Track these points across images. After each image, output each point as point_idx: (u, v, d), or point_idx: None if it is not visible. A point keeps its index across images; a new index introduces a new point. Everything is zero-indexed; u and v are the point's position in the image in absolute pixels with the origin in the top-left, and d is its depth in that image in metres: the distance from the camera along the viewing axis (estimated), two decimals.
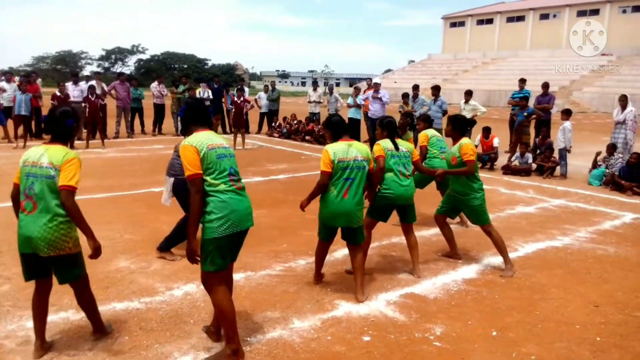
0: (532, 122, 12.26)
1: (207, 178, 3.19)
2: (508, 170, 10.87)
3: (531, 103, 12.66)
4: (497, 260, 5.46)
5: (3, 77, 14.60)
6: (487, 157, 11.39)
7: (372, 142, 11.65)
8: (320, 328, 3.88)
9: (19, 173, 3.31)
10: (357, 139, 12.41)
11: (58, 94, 13.56)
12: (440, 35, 63.57)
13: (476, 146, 11.52)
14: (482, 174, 10.59)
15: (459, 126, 5.32)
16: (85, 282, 3.50)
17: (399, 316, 4.12)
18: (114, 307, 4.13)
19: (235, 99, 13.84)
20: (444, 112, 12.46)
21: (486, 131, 11.52)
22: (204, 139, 3.24)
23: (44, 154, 3.24)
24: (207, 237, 3.21)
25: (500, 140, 11.78)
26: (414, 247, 5.07)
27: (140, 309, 4.11)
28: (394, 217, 5.16)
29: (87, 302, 3.55)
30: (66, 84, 14.44)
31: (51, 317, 3.85)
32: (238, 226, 3.26)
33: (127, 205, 7.36)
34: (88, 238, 3.28)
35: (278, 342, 3.66)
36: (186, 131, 3.44)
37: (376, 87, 13.22)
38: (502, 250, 5.16)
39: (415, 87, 13.15)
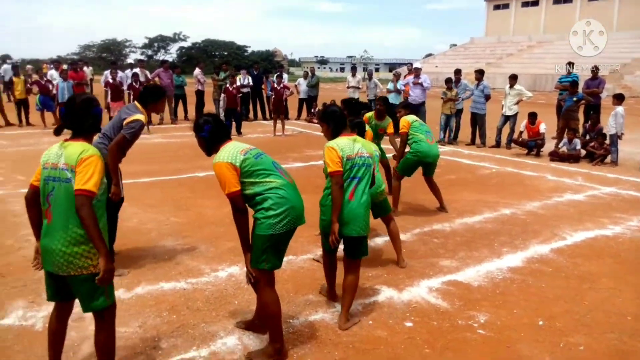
0: (581, 107, 11.82)
1: (257, 179, 3.05)
2: (555, 156, 10.54)
3: (580, 87, 12.19)
4: (545, 249, 5.34)
5: (52, 66, 15.14)
6: (534, 143, 11.07)
7: None
8: (361, 312, 3.89)
9: (38, 174, 2.77)
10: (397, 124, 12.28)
11: (110, 80, 13.87)
12: (484, 18, 61.75)
13: (521, 132, 11.30)
14: (528, 160, 10.40)
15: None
16: (111, 315, 2.83)
17: (442, 303, 4.09)
18: (161, 287, 4.25)
19: (275, 85, 13.90)
20: (487, 97, 12.16)
21: (532, 117, 11.18)
22: (233, 149, 3.10)
23: (62, 154, 2.67)
24: (263, 233, 3.05)
25: (547, 126, 11.42)
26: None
27: (187, 289, 4.22)
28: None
29: (104, 342, 2.83)
30: (105, 72, 14.82)
31: None
32: (296, 222, 3.15)
33: (172, 190, 7.55)
34: (101, 256, 2.60)
35: (320, 324, 3.69)
36: (211, 151, 3.25)
37: (417, 71, 12.97)
38: None
39: (457, 72, 12.86)
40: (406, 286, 4.37)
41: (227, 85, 14.35)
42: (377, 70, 66.73)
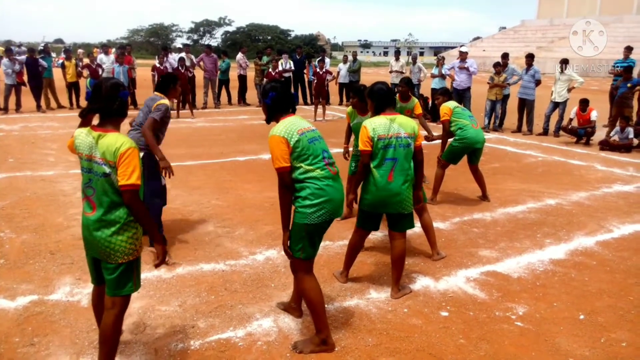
0: (636, 94, 11.24)
1: (302, 165, 3.03)
2: (606, 145, 10.10)
3: (635, 73, 11.59)
4: (590, 241, 5.16)
5: (101, 50, 15.60)
6: (584, 131, 10.64)
7: None
8: (396, 300, 3.88)
9: (72, 145, 2.83)
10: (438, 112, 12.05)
11: (158, 65, 14.16)
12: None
13: (571, 119, 10.88)
14: (578, 149, 10.02)
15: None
16: (127, 303, 2.86)
17: (479, 293, 4.03)
18: (201, 268, 4.37)
19: (317, 70, 13.86)
20: (537, 82, 11.74)
21: (583, 103, 10.74)
22: (292, 125, 3.06)
23: (94, 145, 2.66)
24: (298, 222, 3.08)
25: (599, 113, 10.94)
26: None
27: (226, 271, 4.32)
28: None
29: (114, 331, 2.79)
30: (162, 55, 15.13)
31: (145, 275, 4.13)
32: (331, 215, 3.14)
33: (214, 173, 7.70)
34: (156, 242, 2.80)
35: (355, 310, 3.71)
36: (271, 119, 3.24)
37: (462, 55, 12.61)
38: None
39: (505, 56, 12.44)
40: (443, 275, 4.33)
41: (270, 70, 14.48)
42: (421, 54, 65.50)
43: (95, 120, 2.77)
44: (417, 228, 5.39)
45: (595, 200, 6.59)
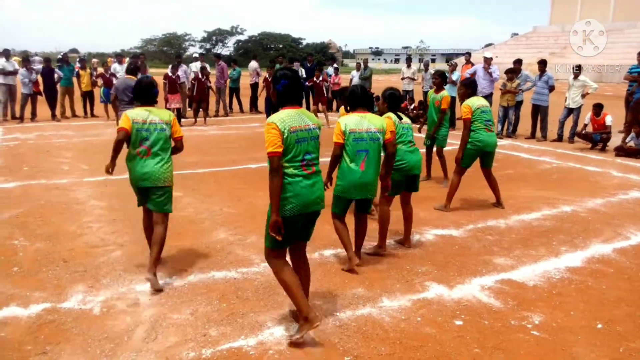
0: None
1: (282, 159, 3.20)
2: (621, 151, 9.96)
3: None
4: (606, 249, 5.07)
5: (115, 59, 15.77)
6: (599, 137, 10.51)
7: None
8: (409, 309, 3.83)
9: (129, 123, 4.07)
10: (453, 117, 11.96)
11: (170, 74, 14.30)
12: (548, 5, 59.05)
13: (586, 125, 10.75)
14: (593, 155, 9.89)
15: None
16: (167, 218, 4.31)
17: (494, 302, 3.96)
18: (213, 276, 4.36)
19: (314, 78, 14.36)
20: (551, 88, 11.62)
21: (597, 108, 10.62)
22: (288, 119, 3.20)
23: (149, 115, 4.14)
24: (269, 213, 3.24)
25: (614, 118, 10.80)
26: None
27: (237, 279, 4.30)
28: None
29: (162, 235, 4.23)
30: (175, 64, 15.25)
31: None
32: (301, 210, 3.26)
33: (226, 180, 7.71)
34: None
35: (367, 319, 3.67)
36: (279, 106, 3.36)
37: (488, 61, 12.27)
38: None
39: (518, 62, 12.34)
40: (457, 283, 4.27)
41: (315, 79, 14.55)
42: (433, 61, 65.24)
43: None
44: (431, 235, 5.36)
45: (611, 207, 6.48)
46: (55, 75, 14.17)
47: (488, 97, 12.14)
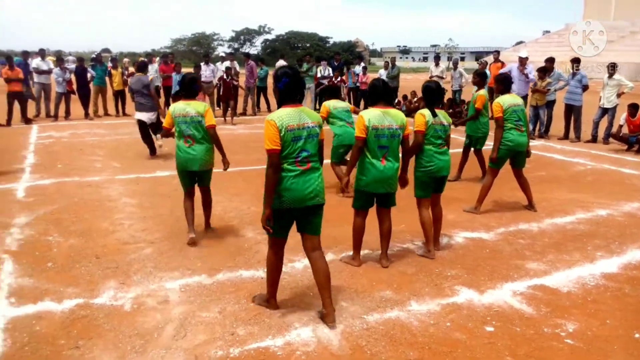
0: None
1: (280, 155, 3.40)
2: None
3: None
4: None
5: (145, 59, 16.03)
6: (634, 139, 10.19)
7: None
8: (439, 313, 3.77)
9: (170, 120, 4.96)
10: None
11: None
12: (581, 1, 57.61)
13: (621, 126, 10.43)
14: (629, 157, 9.58)
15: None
16: (209, 189, 5.28)
17: (526, 308, 3.87)
18: (240, 275, 4.38)
19: (333, 79, 14.57)
20: (585, 87, 11.32)
21: (633, 108, 10.30)
22: (287, 117, 3.35)
23: (186, 108, 4.91)
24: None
25: None
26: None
27: (265, 278, 4.29)
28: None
29: (209, 203, 5.29)
30: (201, 64, 15.46)
31: (186, 280, 4.23)
32: (293, 204, 3.43)
33: (253, 179, 7.74)
34: (223, 156, 5.09)
35: (395, 323, 3.62)
36: (280, 104, 3.51)
37: (522, 61, 11.84)
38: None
39: (550, 60, 12.03)
40: (488, 288, 4.19)
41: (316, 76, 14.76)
42: (462, 59, 64.36)
43: None
44: (460, 238, 5.27)
45: None
46: (88, 75, 14.48)
47: (523, 98, 11.81)
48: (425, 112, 4.69)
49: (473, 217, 6.01)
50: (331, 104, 6.96)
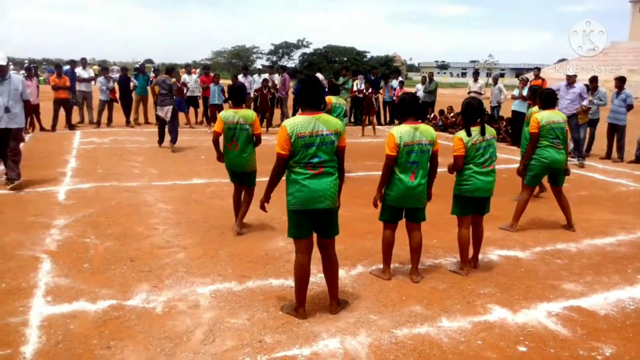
0: None
1: (292, 159, 3.56)
2: None
3: None
4: None
5: (185, 70, 16.45)
6: None
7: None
8: (470, 331, 3.69)
9: (221, 125, 5.42)
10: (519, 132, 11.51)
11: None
12: (628, 20, 56.07)
13: None
14: None
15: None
16: (253, 189, 5.64)
17: (561, 330, 3.74)
18: (270, 283, 4.40)
19: (364, 90, 14.86)
20: (629, 107, 10.96)
21: None
22: (298, 124, 3.48)
23: (236, 115, 5.40)
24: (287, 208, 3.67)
25: None
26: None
27: (294, 287, 4.30)
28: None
29: (247, 202, 5.61)
30: (238, 75, 15.76)
31: (216, 286, 4.28)
32: (305, 205, 3.57)
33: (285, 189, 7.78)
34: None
35: (424, 338, 3.56)
36: (297, 108, 3.67)
37: (570, 79, 11.02)
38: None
39: (594, 79, 11.72)
40: (522, 307, 4.07)
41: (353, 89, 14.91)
42: (502, 75, 63.30)
43: None
44: (495, 256, 5.16)
45: None
46: (131, 84, 14.97)
47: (570, 118, 11.22)
48: (462, 135, 4.55)
49: (508, 234, 5.87)
50: (333, 99, 8.21)
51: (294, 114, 16.48)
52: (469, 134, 4.52)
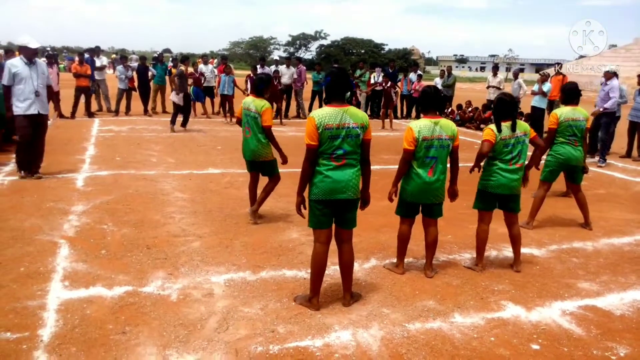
0: None
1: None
2: None
3: None
4: None
5: (202, 60, 16.50)
6: None
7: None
8: (483, 327, 3.67)
9: (240, 110, 5.61)
10: (540, 130, 11.38)
11: (252, 75, 14.86)
12: None
13: None
14: None
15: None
16: (277, 179, 5.73)
17: (575, 329, 3.71)
18: (283, 274, 4.42)
19: (383, 84, 14.90)
20: None
21: None
22: (327, 116, 3.49)
23: (251, 103, 5.47)
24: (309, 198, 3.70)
25: None
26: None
27: (307, 279, 4.30)
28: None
29: (271, 188, 5.70)
30: (257, 66, 15.78)
31: (231, 276, 4.32)
32: (327, 195, 3.60)
33: None
34: (280, 153, 5.57)
35: (437, 333, 3.56)
36: (326, 100, 3.69)
37: (607, 75, 10.62)
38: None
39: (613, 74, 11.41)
40: (536, 305, 4.04)
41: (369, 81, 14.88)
42: (522, 70, 62.51)
43: None
44: (510, 252, 5.12)
45: None
46: (149, 73, 15.08)
47: (599, 116, 10.62)
48: (492, 129, 4.46)
49: (524, 232, 5.80)
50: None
51: (310, 106, 16.48)
52: (499, 129, 4.44)
